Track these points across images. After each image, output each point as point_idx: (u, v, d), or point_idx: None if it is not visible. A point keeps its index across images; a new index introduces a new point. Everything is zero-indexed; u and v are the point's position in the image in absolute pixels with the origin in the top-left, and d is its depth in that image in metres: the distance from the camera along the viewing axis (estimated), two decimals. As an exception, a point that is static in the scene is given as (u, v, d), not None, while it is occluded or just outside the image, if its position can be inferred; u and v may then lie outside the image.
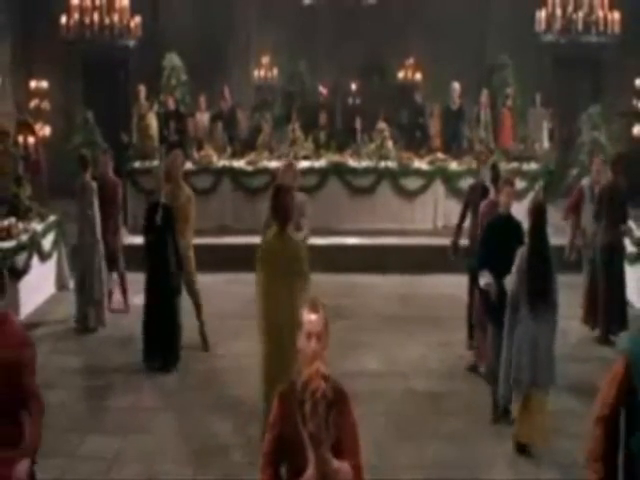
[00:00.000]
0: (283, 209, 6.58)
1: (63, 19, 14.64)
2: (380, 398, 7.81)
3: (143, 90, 14.82)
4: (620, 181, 9.67)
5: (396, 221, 13.08)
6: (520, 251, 6.78)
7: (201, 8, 16.34)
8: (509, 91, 15.17)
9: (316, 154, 13.75)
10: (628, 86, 15.84)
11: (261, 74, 16.73)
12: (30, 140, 14.03)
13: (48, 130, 15.81)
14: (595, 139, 15.13)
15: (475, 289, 8.14)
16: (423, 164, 13.48)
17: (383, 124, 13.92)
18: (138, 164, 13.46)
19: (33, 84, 16.03)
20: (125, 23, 14.65)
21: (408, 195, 13.33)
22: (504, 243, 7.10)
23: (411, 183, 13.34)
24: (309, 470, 3.48)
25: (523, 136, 14.43)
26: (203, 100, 15.10)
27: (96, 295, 9.93)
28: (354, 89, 16.68)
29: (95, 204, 9.84)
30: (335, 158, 13.55)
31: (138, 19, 14.98)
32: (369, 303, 10.91)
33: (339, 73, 16.36)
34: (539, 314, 6.68)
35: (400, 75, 16.60)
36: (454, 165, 13.40)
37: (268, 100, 16.64)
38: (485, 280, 7.23)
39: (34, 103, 15.92)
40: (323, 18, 16.05)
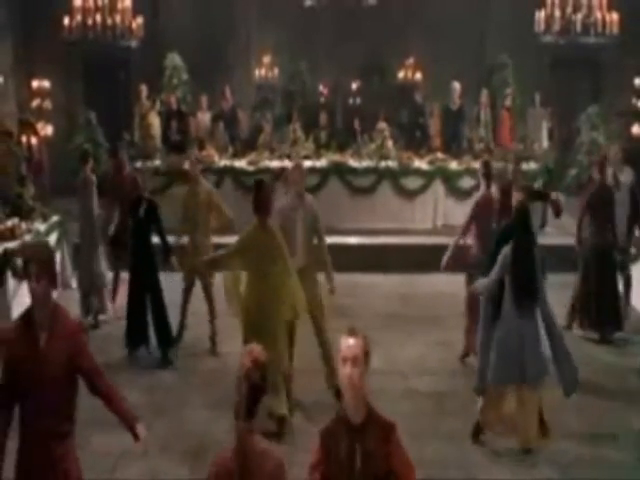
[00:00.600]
0: (264, 203, 7.23)
1: (66, 20, 14.69)
2: (380, 397, 7.82)
3: (144, 90, 14.90)
4: (607, 181, 9.72)
5: (396, 220, 13.20)
6: (504, 248, 6.84)
7: (202, 8, 16.41)
8: (508, 91, 15.25)
9: (317, 154, 13.85)
10: (627, 86, 15.93)
11: (262, 73, 16.80)
12: (33, 140, 14.10)
13: (50, 129, 15.90)
14: (594, 139, 15.21)
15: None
16: (423, 164, 13.59)
17: (383, 124, 14.02)
18: (140, 164, 13.53)
19: (35, 84, 16.10)
20: (127, 24, 14.70)
21: (408, 195, 13.43)
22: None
23: (411, 183, 13.45)
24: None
25: (523, 136, 14.51)
26: (204, 100, 15.18)
27: (98, 283, 10.31)
28: (354, 89, 16.76)
29: (95, 198, 10.17)
30: (335, 158, 13.65)
31: (140, 20, 15.04)
32: (369, 302, 10.99)
33: (339, 73, 16.44)
34: (524, 310, 6.74)
35: (400, 75, 16.68)
36: (454, 165, 13.51)
37: (269, 99, 16.73)
38: (481, 288, 7.17)
39: (36, 102, 16.00)
40: (324, 19, 16.12)
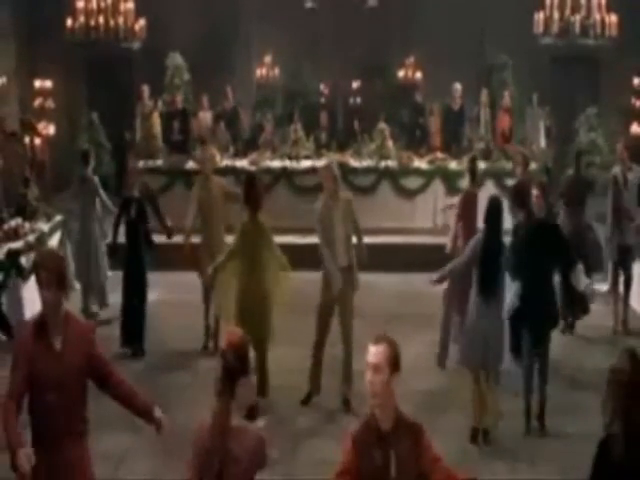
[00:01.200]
0: (254, 197, 7.65)
1: (69, 22, 14.78)
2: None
3: (146, 90, 15.00)
4: (582, 174, 10.18)
5: (396, 220, 13.29)
6: (477, 237, 7.11)
7: (203, 8, 16.47)
8: (507, 92, 15.30)
9: (317, 154, 13.93)
10: (626, 85, 16.02)
11: (262, 73, 16.88)
12: (37, 141, 14.21)
13: (52, 129, 15.99)
14: (592, 140, 15.30)
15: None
16: (423, 164, 13.68)
17: (383, 124, 14.10)
18: (142, 163, 13.61)
19: (37, 83, 16.20)
20: (130, 25, 14.78)
21: (408, 194, 13.54)
22: (536, 249, 7.25)
23: (411, 182, 13.55)
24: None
25: (523, 137, 14.60)
26: (205, 99, 15.26)
27: (98, 280, 10.54)
28: (355, 89, 16.84)
29: (96, 198, 10.48)
30: (336, 158, 13.69)
31: (143, 21, 15.12)
32: (369, 301, 10.99)
33: (340, 73, 16.51)
34: (490, 304, 7.02)
35: (400, 74, 16.77)
36: (453, 164, 13.60)
37: (269, 99, 16.80)
38: (508, 301, 7.31)
39: (38, 102, 16.10)
40: (324, 19, 16.18)
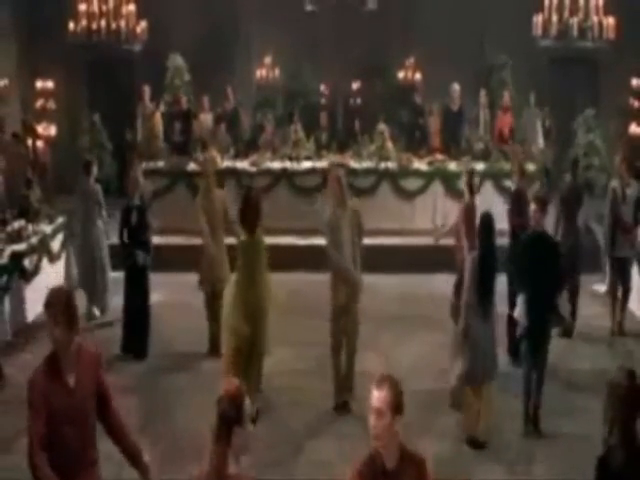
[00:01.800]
0: (251, 218, 7.72)
1: (71, 25, 14.84)
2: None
3: (147, 91, 15.05)
4: (578, 181, 10.31)
5: (396, 221, 13.32)
6: (472, 257, 7.39)
7: (204, 9, 16.52)
8: (506, 92, 15.36)
9: (317, 155, 14.00)
10: (624, 86, 16.09)
11: (263, 74, 16.94)
12: (39, 143, 14.28)
13: (54, 130, 16.06)
14: (590, 142, 15.37)
15: None
16: (422, 165, 13.75)
17: (383, 125, 14.17)
18: (144, 164, 13.66)
19: (39, 84, 16.26)
20: (131, 28, 14.84)
21: (408, 195, 13.60)
22: (538, 261, 7.47)
23: (411, 184, 13.61)
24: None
25: (522, 139, 14.67)
26: (206, 100, 15.32)
27: (101, 287, 10.60)
28: (355, 90, 16.90)
29: (98, 208, 10.60)
30: (336, 159, 13.79)
31: (144, 24, 15.17)
32: (369, 303, 10.98)
33: (340, 74, 16.55)
34: (485, 317, 7.28)
35: (400, 75, 16.84)
36: (452, 166, 13.66)
37: (269, 98, 16.85)
38: (518, 313, 7.57)
39: (40, 103, 16.17)
40: (324, 20, 16.23)
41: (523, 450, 7.29)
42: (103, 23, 14.69)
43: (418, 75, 16.64)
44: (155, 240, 9.97)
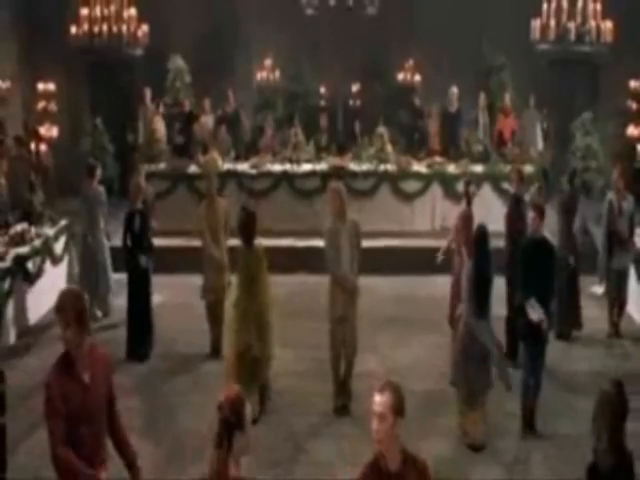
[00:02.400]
0: (248, 231, 8.04)
1: (73, 29, 14.88)
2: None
3: (148, 93, 15.11)
4: (576, 192, 10.47)
5: (395, 223, 13.40)
6: (467, 267, 7.50)
7: (205, 11, 16.58)
8: (506, 96, 15.41)
9: (317, 157, 14.07)
10: (622, 88, 16.17)
11: (263, 76, 17.00)
12: (42, 147, 14.34)
13: (55, 132, 16.12)
14: (588, 145, 15.43)
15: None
16: (421, 167, 13.81)
17: (382, 128, 14.23)
18: (145, 167, 13.72)
19: (40, 86, 16.31)
20: (133, 32, 14.90)
21: (407, 198, 13.66)
22: (540, 266, 7.57)
23: (410, 186, 13.68)
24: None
25: (521, 140, 14.73)
26: (207, 103, 15.35)
27: (101, 290, 10.69)
28: (355, 92, 16.95)
29: (101, 212, 10.68)
30: (336, 162, 13.85)
31: (145, 27, 15.23)
32: (368, 304, 11.07)
33: (340, 76, 16.61)
34: (483, 324, 7.36)
35: (400, 77, 16.91)
36: (451, 168, 13.73)
37: (269, 100, 16.91)
38: (537, 315, 7.46)
39: (41, 105, 16.23)
40: (324, 23, 16.27)
41: (521, 450, 7.34)
42: (105, 27, 14.72)
43: (417, 77, 16.73)
44: (156, 242, 10.04)
